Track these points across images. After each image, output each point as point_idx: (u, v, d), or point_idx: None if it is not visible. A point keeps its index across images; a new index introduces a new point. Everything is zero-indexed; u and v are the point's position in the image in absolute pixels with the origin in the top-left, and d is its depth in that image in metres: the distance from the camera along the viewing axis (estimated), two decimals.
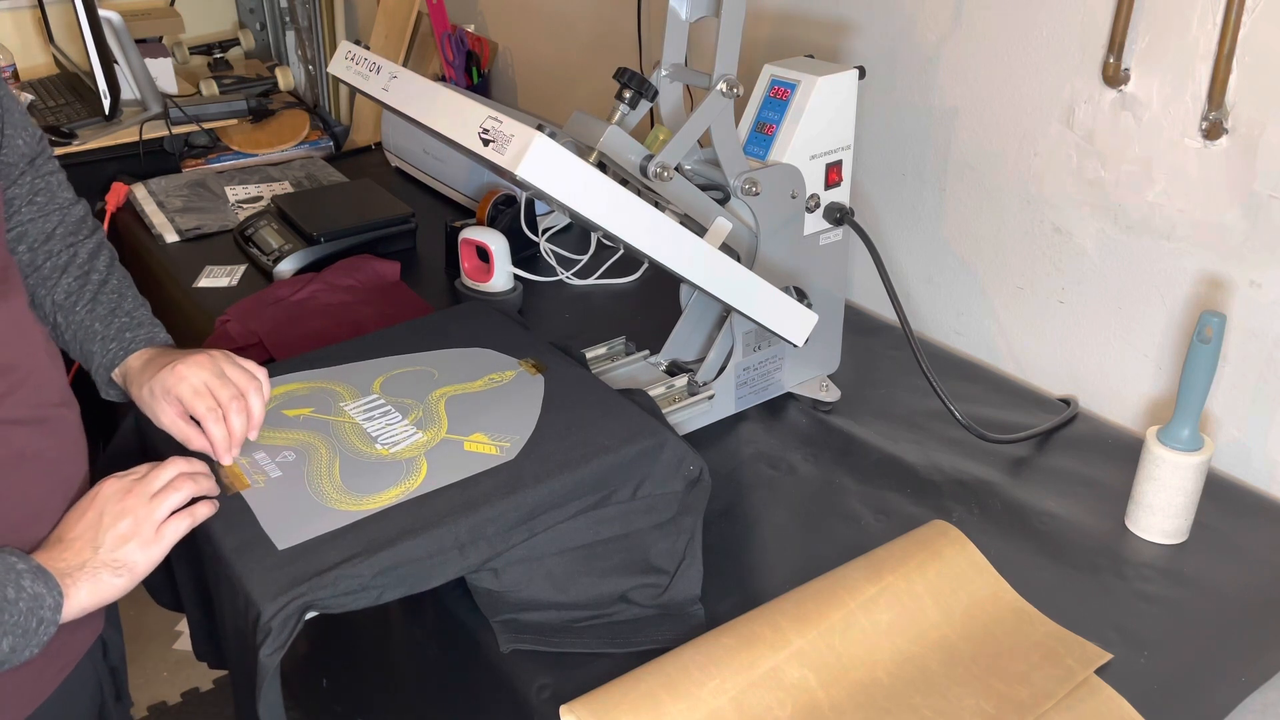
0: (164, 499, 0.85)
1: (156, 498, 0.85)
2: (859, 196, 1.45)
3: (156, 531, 0.84)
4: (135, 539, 0.83)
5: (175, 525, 0.85)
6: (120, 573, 0.82)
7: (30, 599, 0.76)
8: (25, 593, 0.76)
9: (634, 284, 1.55)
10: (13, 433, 0.83)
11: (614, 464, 0.93)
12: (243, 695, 0.83)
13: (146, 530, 0.83)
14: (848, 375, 1.29)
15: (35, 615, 0.76)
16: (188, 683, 2.04)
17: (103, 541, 0.82)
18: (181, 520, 0.85)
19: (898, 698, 0.82)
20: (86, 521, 0.84)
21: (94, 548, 0.82)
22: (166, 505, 0.85)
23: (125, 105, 2.12)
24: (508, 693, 0.87)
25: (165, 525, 0.85)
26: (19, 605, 0.75)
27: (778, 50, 1.49)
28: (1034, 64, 1.19)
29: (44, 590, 0.77)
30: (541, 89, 2.10)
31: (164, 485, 0.86)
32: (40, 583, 0.77)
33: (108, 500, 0.84)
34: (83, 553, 0.82)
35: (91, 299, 1.00)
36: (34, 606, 0.76)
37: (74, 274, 1.00)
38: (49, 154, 1.03)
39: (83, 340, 0.99)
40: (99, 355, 0.99)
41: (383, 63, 1.02)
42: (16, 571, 0.77)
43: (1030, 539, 1.02)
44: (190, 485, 0.87)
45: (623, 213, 0.90)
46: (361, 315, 1.43)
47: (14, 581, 0.76)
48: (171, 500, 0.85)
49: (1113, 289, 1.19)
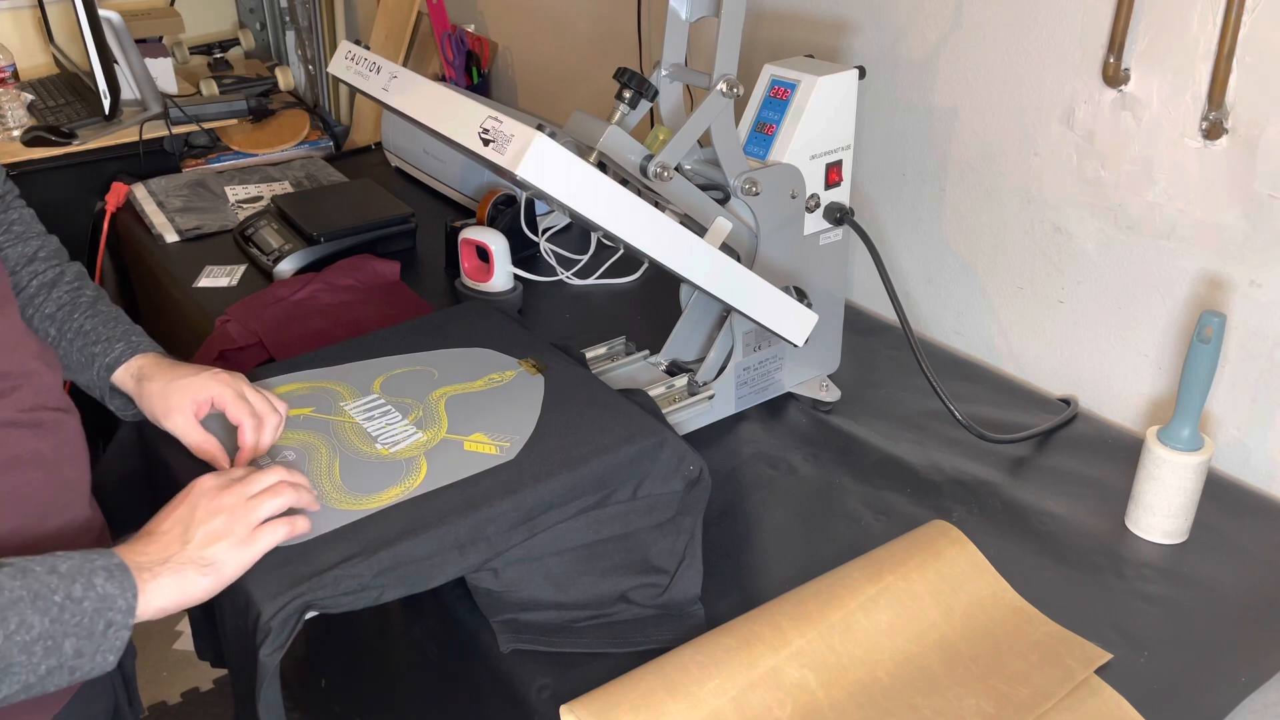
0: (262, 501, 0.81)
1: (255, 499, 0.81)
2: (859, 196, 1.45)
3: (251, 533, 0.80)
4: (228, 538, 0.79)
5: (272, 531, 0.81)
6: (207, 571, 0.78)
7: (98, 599, 0.72)
8: (94, 592, 0.72)
9: (634, 284, 1.55)
10: (7, 435, 0.82)
11: (614, 464, 0.93)
12: (243, 695, 0.82)
13: (241, 530, 0.79)
14: (848, 375, 1.29)
15: (102, 617, 0.72)
16: (188, 683, 2.04)
17: (192, 537, 0.78)
18: (279, 527, 0.81)
19: (898, 698, 0.82)
20: (178, 515, 0.80)
21: (182, 542, 0.78)
22: (265, 509, 0.81)
23: (125, 105, 2.12)
24: (508, 693, 0.87)
25: (260, 530, 0.81)
26: (84, 605, 0.71)
27: (778, 50, 1.49)
28: (1034, 64, 1.19)
29: (116, 591, 0.73)
30: (541, 89, 2.10)
31: (264, 489, 0.83)
32: (114, 583, 0.73)
33: (202, 495, 0.81)
34: (170, 547, 0.78)
35: (89, 308, 1.00)
36: (102, 608, 0.72)
37: (65, 289, 1.00)
38: (16, 192, 1.03)
39: (82, 344, 0.98)
40: (102, 356, 0.97)
41: (383, 63, 1.02)
42: (92, 568, 0.73)
43: (1030, 539, 1.02)
44: (291, 493, 0.83)
45: (623, 213, 0.90)
46: (361, 315, 1.43)
47: (85, 579, 0.72)
48: (270, 505, 0.82)
49: (1113, 289, 1.19)
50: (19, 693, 0.70)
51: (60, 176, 2.02)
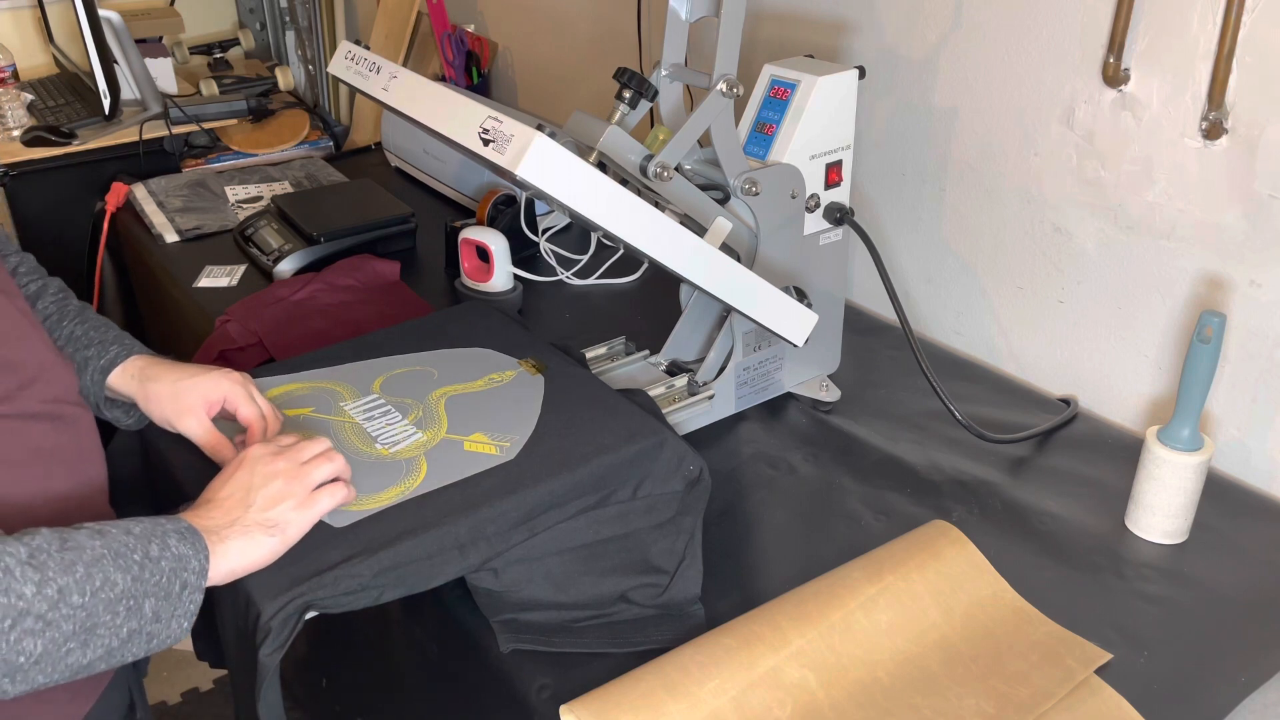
0: (317, 465, 0.84)
1: (308, 464, 0.84)
2: (859, 196, 1.45)
3: (310, 495, 0.82)
4: (289, 499, 0.81)
5: (330, 494, 0.84)
6: (273, 532, 0.79)
7: (174, 559, 0.73)
8: (170, 552, 0.73)
9: (634, 284, 1.55)
10: (29, 427, 0.81)
11: (614, 464, 0.93)
12: (243, 695, 0.82)
13: (300, 491, 0.82)
14: (848, 375, 1.29)
15: (178, 578, 0.73)
16: (188, 683, 2.04)
17: (254, 500, 0.80)
18: (337, 491, 0.84)
19: (898, 698, 0.82)
20: (236, 481, 0.82)
21: (245, 506, 0.80)
22: (320, 473, 0.84)
23: (125, 105, 2.12)
24: (508, 693, 0.87)
25: (318, 493, 0.83)
26: (161, 564, 0.72)
27: (778, 50, 1.49)
28: (1034, 64, 1.19)
29: (190, 552, 0.74)
30: (541, 89, 2.10)
31: (315, 454, 0.85)
32: (187, 544, 0.74)
33: (257, 462, 0.83)
34: (233, 511, 0.79)
35: (77, 315, 0.99)
36: (178, 568, 0.73)
37: (50, 300, 1.00)
38: None
39: (73, 350, 0.97)
40: (96, 359, 0.96)
41: (383, 63, 1.02)
42: (164, 530, 0.74)
43: (1030, 539, 1.02)
44: (340, 460, 0.86)
45: (623, 213, 0.90)
46: (361, 315, 1.43)
47: (160, 540, 0.73)
48: (324, 469, 0.84)
49: (1113, 289, 1.19)
50: (100, 659, 0.70)
51: (60, 176, 2.02)
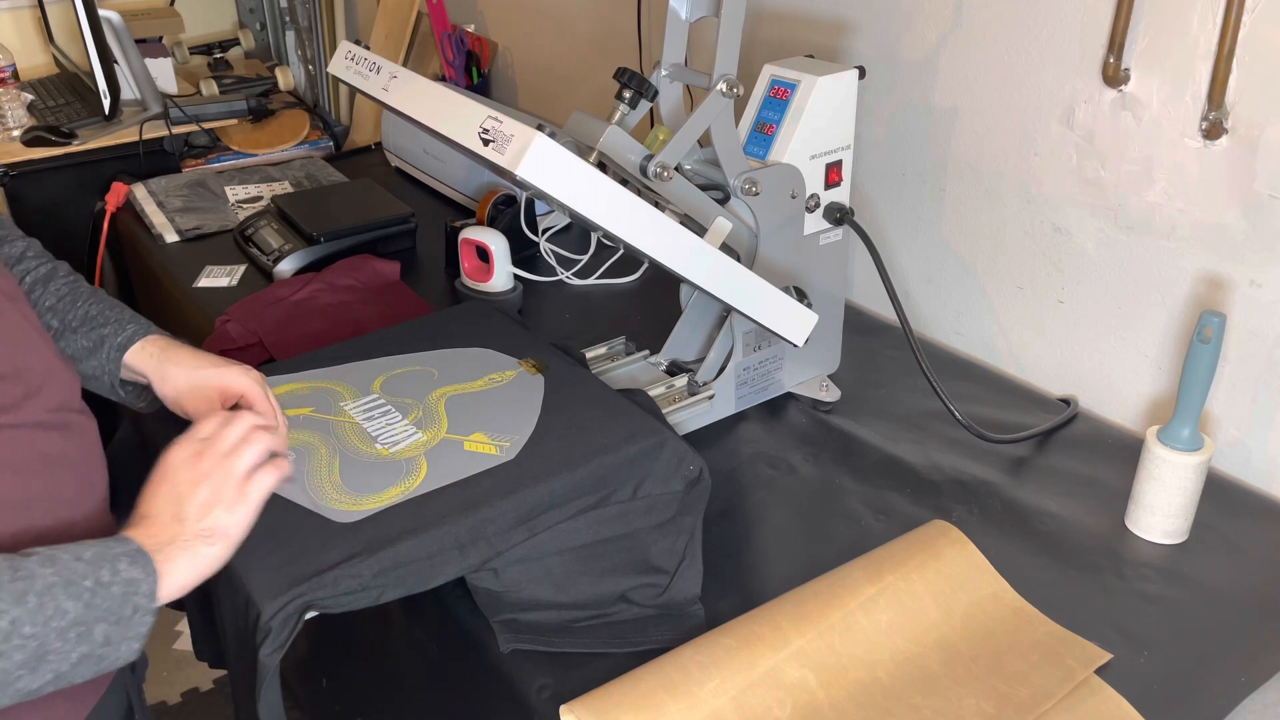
0: (239, 454, 0.80)
1: (232, 456, 0.80)
2: (859, 196, 1.45)
3: (239, 490, 0.79)
4: (220, 504, 0.78)
5: (261, 480, 0.80)
6: (214, 541, 0.77)
7: (125, 584, 0.72)
8: (120, 576, 0.72)
9: (634, 284, 1.55)
10: (36, 435, 0.81)
11: (614, 464, 0.93)
12: (243, 695, 0.82)
13: (228, 492, 0.79)
14: (848, 375, 1.29)
15: (130, 602, 0.72)
16: (188, 683, 2.04)
17: (187, 512, 0.77)
18: (268, 473, 0.81)
19: (898, 698, 0.82)
20: (163, 495, 0.78)
21: (180, 520, 0.77)
22: (244, 461, 0.80)
23: (125, 105, 2.12)
24: (508, 693, 0.87)
25: (249, 483, 0.80)
26: (112, 590, 0.71)
27: (778, 50, 1.49)
28: (1034, 64, 1.19)
29: (140, 575, 0.73)
30: (541, 89, 2.10)
31: (237, 440, 0.81)
32: (138, 567, 0.73)
33: (179, 469, 0.79)
34: (170, 526, 0.77)
35: (90, 295, 0.99)
36: (129, 592, 0.72)
37: (61, 281, 0.99)
38: None
39: (88, 329, 0.96)
40: (112, 336, 0.95)
41: (383, 63, 1.02)
42: (114, 554, 0.73)
43: (1030, 539, 1.02)
44: (267, 437, 0.82)
45: (623, 213, 0.90)
46: (361, 315, 1.43)
47: (110, 564, 0.72)
48: (249, 455, 0.80)
49: (1113, 289, 1.19)
50: (49, 683, 0.70)
51: (60, 176, 2.02)
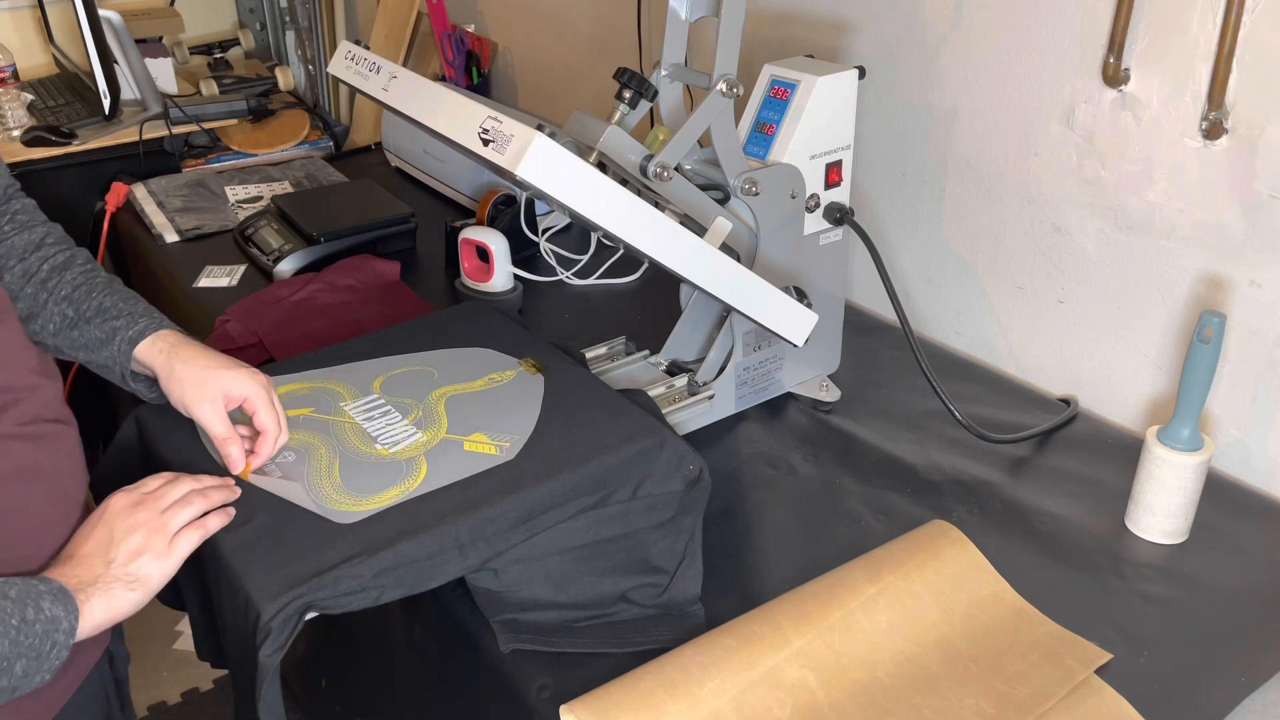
0: (176, 513, 0.85)
1: (168, 511, 0.85)
2: (859, 196, 1.45)
3: (169, 544, 0.84)
4: (148, 553, 0.83)
5: (187, 537, 0.85)
6: (134, 587, 0.82)
7: (47, 622, 0.75)
8: (44, 614, 0.75)
9: (634, 284, 1.55)
10: (8, 447, 0.83)
11: (614, 464, 0.93)
12: (243, 695, 0.83)
13: (159, 543, 0.83)
14: (848, 375, 1.29)
15: (50, 639, 0.75)
16: (188, 683, 2.04)
17: (115, 556, 0.82)
18: (193, 532, 0.85)
19: (898, 698, 0.82)
20: (97, 537, 0.83)
21: (106, 562, 0.82)
22: (179, 519, 0.85)
23: (125, 105, 2.12)
24: (508, 693, 0.87)
25: (178, 538, 0.84)
26: (35, 627, 0.74)
27: (778, 50, 1.49)
28: (1034, 64, 1.19)
29: (61, 614, 0.77)
30: (541, 89, 2.10)
31: (177, 499, 0.86)
32: (59, 605, 0.77)
33: (117, 515, 0.84)
34: (95, 568, 0.81)
35: (106, 287, 0.99)
36: (50, 629, 0.75)
37: (78, 271, 1.00)
38: (18, 185, 1.04)
39: (101, 320, 0.96)
40: (125, 329, 0.96)
41: (383, 63, 1.02)
42: (37, 592, 0.76)
43: (1030, 539, 1.02)
44: (201, 500, 0.87)
45: (623, 213, 0.90)
46: (361, 315, 1.43)
47: (34, 603, 0.75)
48: (184, 514, 0.85)
49: (1113, 289, 1.19)
50: None
51: (60, 176, 2.02)
